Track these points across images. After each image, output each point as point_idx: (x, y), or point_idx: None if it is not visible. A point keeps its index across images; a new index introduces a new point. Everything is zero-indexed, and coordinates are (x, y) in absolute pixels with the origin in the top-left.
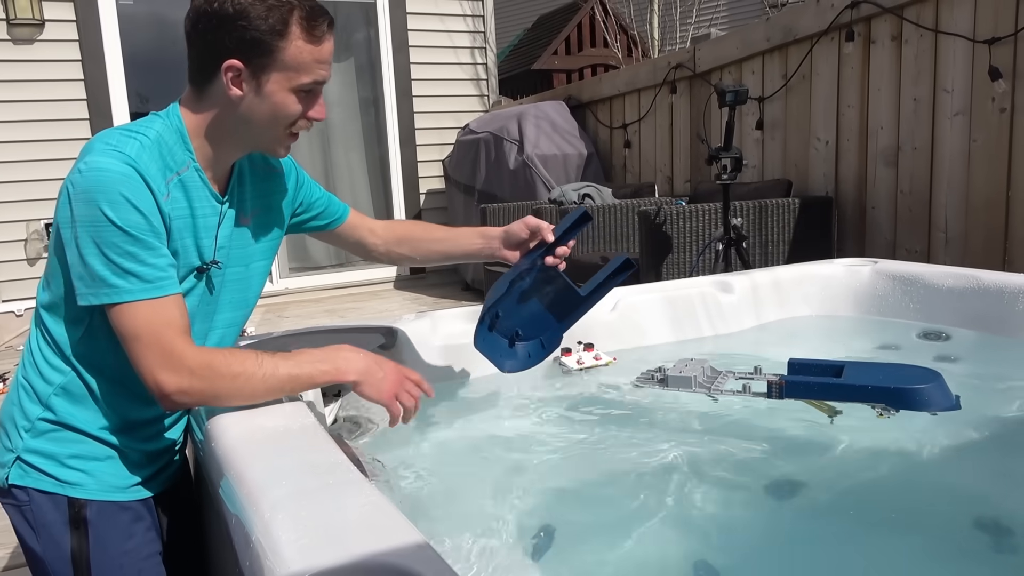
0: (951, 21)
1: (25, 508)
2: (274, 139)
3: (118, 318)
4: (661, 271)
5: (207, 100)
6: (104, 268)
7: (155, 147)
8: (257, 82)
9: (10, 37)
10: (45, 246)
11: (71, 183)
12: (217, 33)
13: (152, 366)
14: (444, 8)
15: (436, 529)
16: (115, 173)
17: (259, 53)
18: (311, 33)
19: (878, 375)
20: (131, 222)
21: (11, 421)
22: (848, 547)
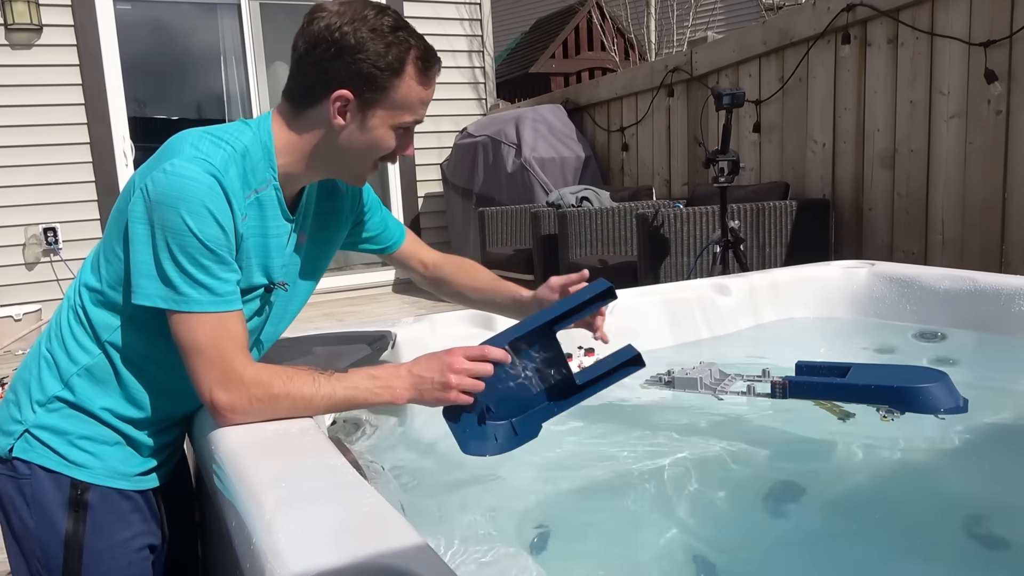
0: (947, 24)
1: (24, 482)
2: (360, 170)
3: (182, 327)
4: (659, 274)
5: (305, 121)
6: (177, 275)
7: (240, 161)
8: (363, 115)
9: (8, 42)
10: (43, 251)
11: (151, 180)
12: (333, 62)
13: (211, 383)
14: (442, 12)
15: (435, 531)
16: (201, 184)
17: (371, 88)
18: (424, 74)
19: (883, 375)
20: (211, 235)
21: (26, 392)
22: (847, 549)
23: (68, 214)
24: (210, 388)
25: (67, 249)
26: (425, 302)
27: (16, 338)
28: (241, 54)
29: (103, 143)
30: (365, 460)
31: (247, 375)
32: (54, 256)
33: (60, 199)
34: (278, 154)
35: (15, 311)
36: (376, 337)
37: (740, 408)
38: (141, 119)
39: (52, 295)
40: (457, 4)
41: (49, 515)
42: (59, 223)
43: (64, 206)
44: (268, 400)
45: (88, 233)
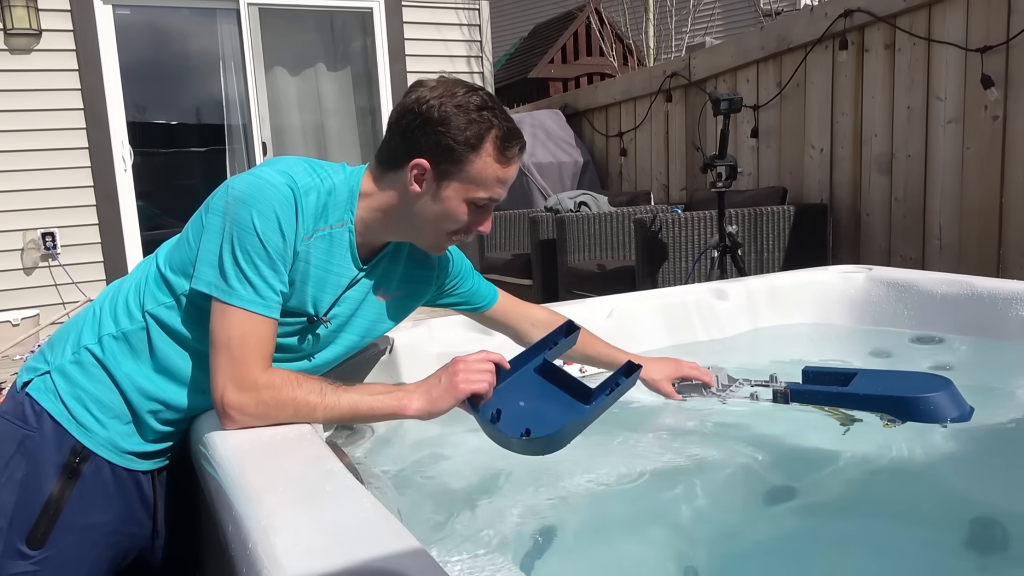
0: (943, 30)
1: (29, 434)
2: (433, 240)
3: (220, 317)
4: (657, 278)
5: (386, 181)
6: (231, 267)
7: (325, 194)
8: (437, 185)
9: (7, 47)
10: (41, 256)
11: (236, 180)
12: (416, 132)
13: (225, 379)
14: (440, 17)
15: (432, 536)
16: (276, 190)
17: (448, 160)
18: (503, 154)
19: (887, 384)
20: (271, 239)
21: (64, 338)
22: (848, 553)
23: (67, 219)
24: (223, 385)
25: (65, 254)
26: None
27: (14, 343)
28: (240, 59)
29: (102, 148)
30: (362, 465)
31: (260, 379)
32: (52, 261)
33: (59, 204)
34: (360, 201)
35: (13, 316)
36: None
37: (741, 413)
38: (140, 124)
39: (50, 300)
40: (456, 9)
41: (39, 472)
42: (57, 228)
43: (63, 211)
44: (274, 404)
45: (87, 238)
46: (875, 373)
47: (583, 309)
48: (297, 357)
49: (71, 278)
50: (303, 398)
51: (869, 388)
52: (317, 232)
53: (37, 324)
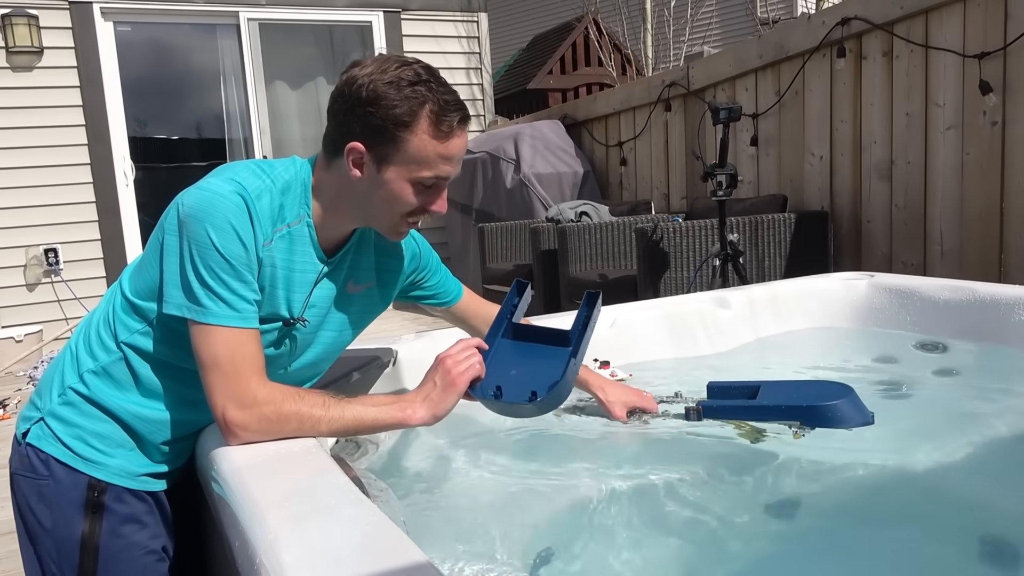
0: (941, 36)
1: (43, 483)
2: (389, 224)
3: (201, 338)
4: (659, 288)
5: (332, 171)
6: (198, 287)
7: (279, 194)
8: (377, 168)
9: (9, 65)
10: (44, 271)
11: (185, 196)
12: (349, 115)
13: (224, 399)
14: (439, 30)
15: (438, 548)
16: (227, 200)
17: (382, 141)
18: (438, 128)
19: (792, 394)
20: (232, 251)
21: (49, 383)
22: (852, 564)
23: (69, 235)
24: (223, 404)
25: (68, 270)
26: (426, 318)
27: (17, 359)
28: (240, 74)
29: (104, 164)
30: (368, 478)
31: (260, 394)
32: (55, 277)
33: (61, 220)
34: (314, 194)
35: (16, 332)
36: (378, 355)
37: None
38: (142, 139)
39: (53, 316)
40: (455, 22)
41: (66, 516)
42: (60, 244)
43: (65, 227)
44: (277, 419)
45: (89, 254)
46: (778, 384)
47: None
48: (274, 368)
49: (74, 294)
50: (306, 411)
51: (776, 399)
52: (276, 233)
53: (40, 340)
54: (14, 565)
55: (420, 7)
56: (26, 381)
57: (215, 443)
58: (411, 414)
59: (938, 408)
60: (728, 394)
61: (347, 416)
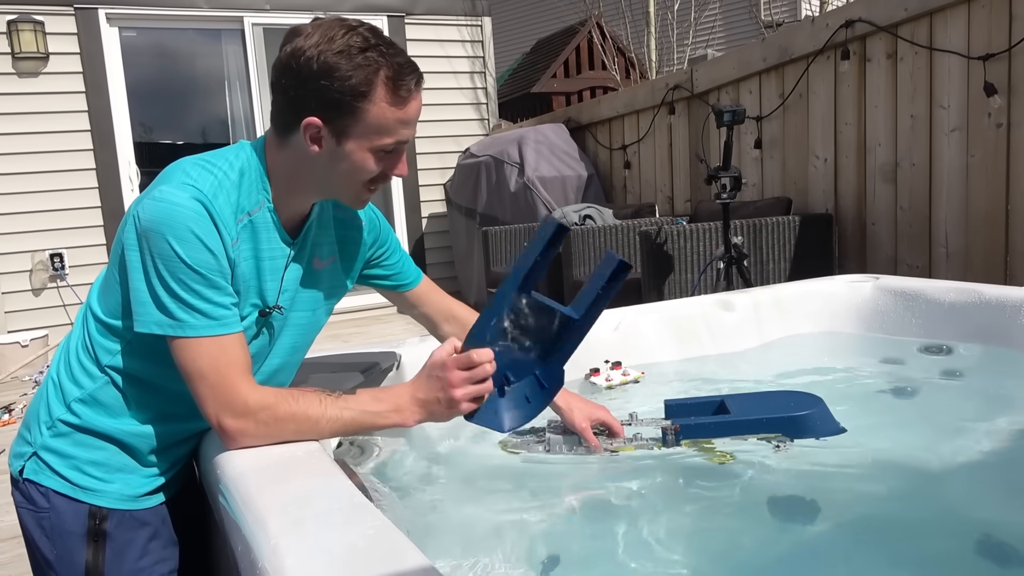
0: (945, 38)
1: (43, 515)
2: (352, 194)
3: (182, 352)
4: (663, 291)
5: (286, 148)
6: (171, 301)
7: (233, 186)
8: (336, 141)
9: (15, 71)
10: (50, 276)
11: (141, 209)
12: (299, 90)
13: (216, 409)
14: (443, 34)
15: (442, 553)
16: (186, 209)
17: (340, 114)
18: (396, 94)
19: (764, 405)
20: (199, 260)
21: (35, 416)
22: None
23: (75, 240)
24: (217, 414)
25: (74, 275)
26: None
27: (23, 364)
28: (245, 79)
29: (109, 169)
30: (371, 482)
31: (251, 399)
32: (61, 282)
33: (67, 225)
34: (270, 176)
35: (22, 337)
36: (381, 359)
37: None
38: (147, 144)
39: (59, 321)
40: (459, 26)
41: (69, 547)
42: (66, 249)
43: (70, 232)
44: (274, 423)
45: (95, 259)
46: (744, 397)
47: None
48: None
49: (79, 298)
50: (303, 412)
51: (752, 412)
52: (239, 225)
53: (46, 345)
54: (21, 569)
55: (424, 11)
56: (31, 386)
57: (217, 449)
58: (407, 418)
59: (943, 411)
60: (691, 411)
61: (345, 416)
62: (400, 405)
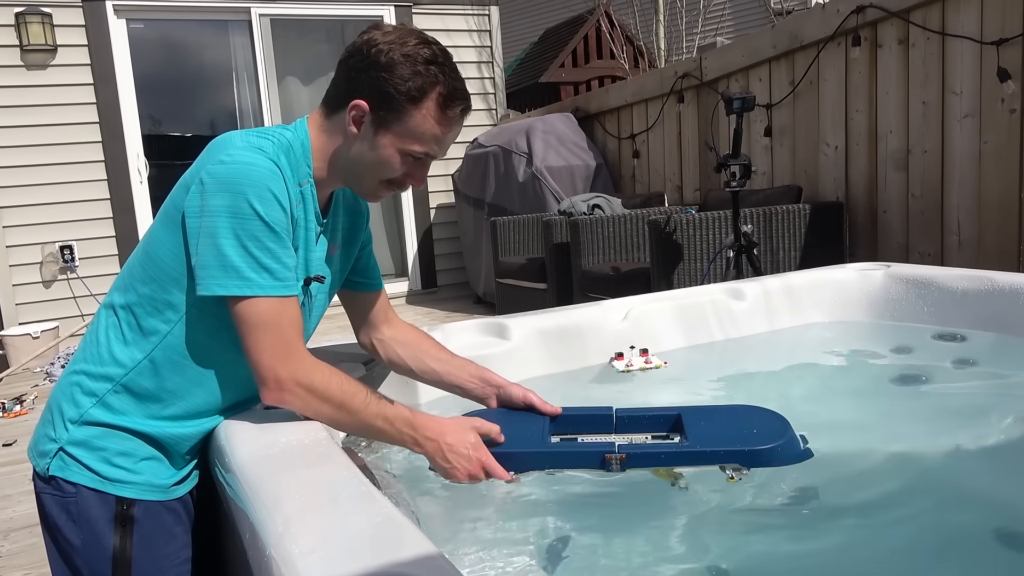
0: (958, 23)
1: (70, 501)
2: (369, 187)
3: (244, 309)
4: (672, 280)
5: (328, 127)
6: (241, 260)
7: (287, 154)
8: (374, 131)
9: (24, 63)
10: (60, 269)
11: (207, 174)
12: (361, 73)
13: (274, 358)
14: (451, 24)
15: (449, 540)
16: (264, 169)
17: (387, 107)
18: (444, 112)
19: (723, 430)
20: (276, 218)
21: (59, 411)
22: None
23: (84, 232)
24: (273, 364)
25: (84, 267)
26: (439, 313)
27: (34, 355)
28: (253, 70)
29: (118, 161)
30: (378, 470)
31: (308, 361)
32: (71, 274)
33: (76, 217)
34: (313, 154)
35: (33, 329)
36: None
37: None
38: (155, 137)
39: (69, 312)
40: (466, 16)
41: (96, 532)
42: (75, 241)
43: (80, 224)
44: (322, 393)
45: (104, 250)
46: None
47: (598, 312)
48: None
49: (89, 290)
50: (350, 400)
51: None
52: (297, 190)
53: (56, 337)
54: (33, 559)
55: (431, 1)
56: (43, 377)
57: (226, 437)
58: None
59: (956, 399)
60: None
61: (376, 424)
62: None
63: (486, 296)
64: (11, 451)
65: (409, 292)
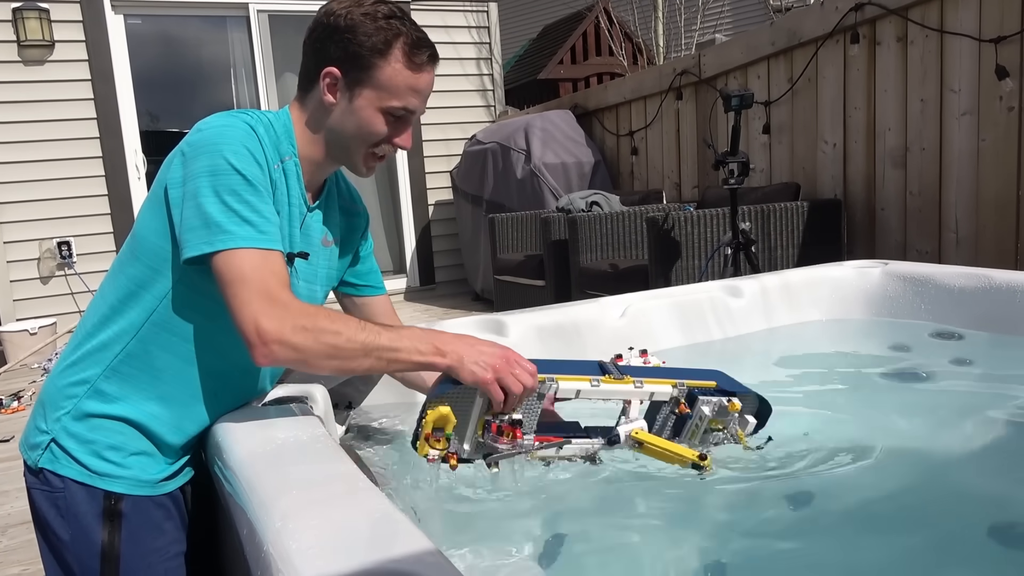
0: (956, 21)
1: (58, 496)
2: (357, 156)
3: (226, 263)
4: (670, 277)
5: (307, 104)
6: (221, 214)
7: (268, 128)
8: (350, 94)
9: (21, 59)
10: (58, 264)
11: (186, 144)
12: (325, 42)
13: (256, 311)
14: (449, 20)
15: (447, 537)
16: (238, 129)
17: (357, 67)
18: (411, 59)
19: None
20: (251, 172)
21: (51, 403)
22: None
23: (82, 228)
24: (255, 317)
25: (81, 263)
26: (436, 309)
27: (32, 351)
28: (251, 66)
29: (115, 157)
30: (376, 467)
31: (293, 305)
32: (68, 270)
33: (74, 213)
34: (296, 136)
35: (31, 325)
36: None
37: None
38: (153, 132)
39: (67, 309)
40: (465, 12)
41: (84, 527)
42: (73, 237)
43: (78, 220)
44: (314, 331)
45: (102, 246)
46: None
47: (596, 309)
48: None
49: (87, 286)
50: (344, 328)
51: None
52: (275, 170)
53: (54, 333)
54: (30, 555)
55: None
56: (40, 373)
57: (223, 433)
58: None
59: (953, 396)
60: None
61: (382, 341)
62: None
63: (484, 293)
64: (8, 447)
65: (407, 289)
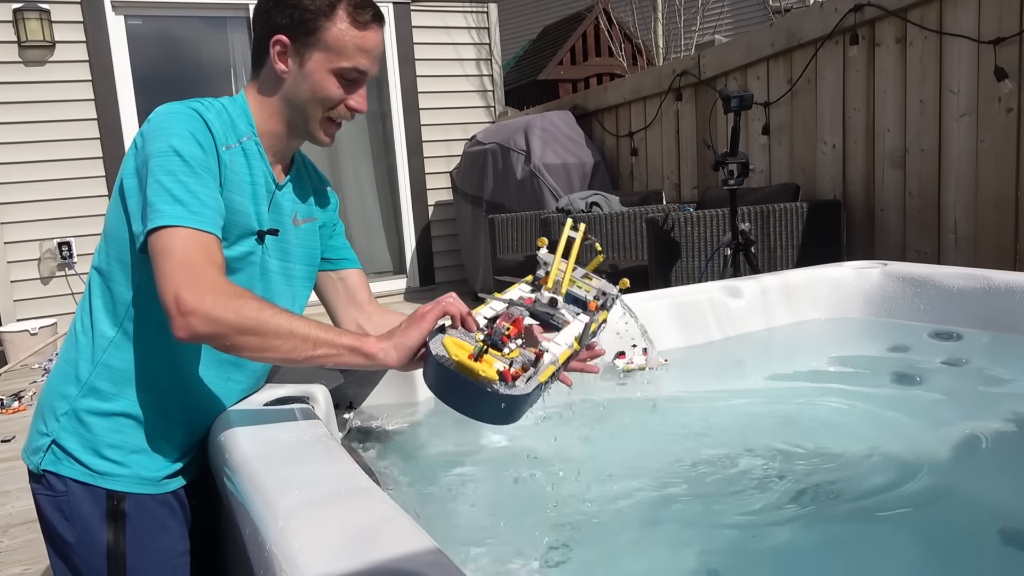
0: (955, 22)
1: (61, 498)
2: (314, 122)
3: (156, 239)
4: (670, 278)
5: (262, 79)
6: (156, 195)
7: (222, 112)
8: (300, 59)
9: (22, 59)
10: (58, 265)
11: (139, 135)
12: (272, 12)
13: (177, 283)
14: (449, 21)
15: (449, 536)
16: (181, 114)
17: (304, 31)
18: (355, 19)
19: None
20: (191, 153)
21: (50, 405)
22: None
23: (82, 228)
24: (176, 287)
25: (81, 263)
26: None
27: (32, 352)
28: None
29: (116, 157)
30: (378, 467)
31: (217, 282)
32: (69, 270)
33: (74, 213)
34: (253, 113)
35: (31, 325)
36: None
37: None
38: None
39: (67, 309)
40: (465, 13)
41: (89, 529)
42: (73, 237)
43: (78, 220)
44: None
45: None
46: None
47: None
48: None
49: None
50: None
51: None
52: (229, 152)
53: (55, 333)
54: (32, 555)
55: None
56: (40, 373)
57: (225, 432)
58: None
59: (952, 397)
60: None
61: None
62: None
63: (484, 293)
64: (9, 447)
65: (407, 289)
